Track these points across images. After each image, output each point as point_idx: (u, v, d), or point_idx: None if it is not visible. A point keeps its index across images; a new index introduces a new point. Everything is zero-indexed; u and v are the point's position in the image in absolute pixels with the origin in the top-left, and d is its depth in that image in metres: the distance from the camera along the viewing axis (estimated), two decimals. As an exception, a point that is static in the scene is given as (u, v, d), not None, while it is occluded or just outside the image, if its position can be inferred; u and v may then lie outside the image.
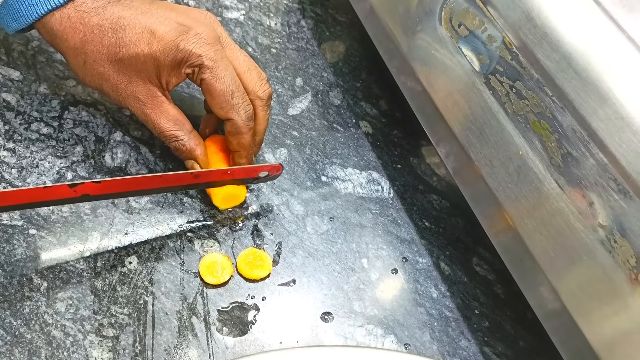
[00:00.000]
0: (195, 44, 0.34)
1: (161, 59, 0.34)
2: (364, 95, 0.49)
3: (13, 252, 0.34)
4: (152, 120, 0.36)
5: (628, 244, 0.27)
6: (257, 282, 0.36)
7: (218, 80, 0.35)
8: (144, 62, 0.34)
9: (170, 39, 0.34)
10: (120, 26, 0.34)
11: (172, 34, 0.34)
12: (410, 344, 0.36)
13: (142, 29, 0.34)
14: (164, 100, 0.36)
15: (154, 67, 0.35)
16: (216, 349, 0.33)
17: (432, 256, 0.40)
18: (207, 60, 0.34)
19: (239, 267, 0.36)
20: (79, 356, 0.31)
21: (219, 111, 0.36)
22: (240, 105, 0.36)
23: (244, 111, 0.36)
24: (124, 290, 0.34)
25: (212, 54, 0.34)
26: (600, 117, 0.28)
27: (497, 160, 0.34)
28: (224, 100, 0.35)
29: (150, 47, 0.34)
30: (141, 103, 0.36)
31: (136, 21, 0.34)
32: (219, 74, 0.35)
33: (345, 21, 0.54)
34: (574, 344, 0.31)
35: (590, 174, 0.29)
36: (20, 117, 0.39)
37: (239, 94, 0.36)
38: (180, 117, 0.37)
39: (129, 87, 0.36)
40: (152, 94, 0.36)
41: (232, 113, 0.36)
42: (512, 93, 0.33)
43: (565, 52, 0.30)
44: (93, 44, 0.35)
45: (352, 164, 0.44)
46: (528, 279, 0.34)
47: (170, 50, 0.34)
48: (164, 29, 0.34)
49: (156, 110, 0.36)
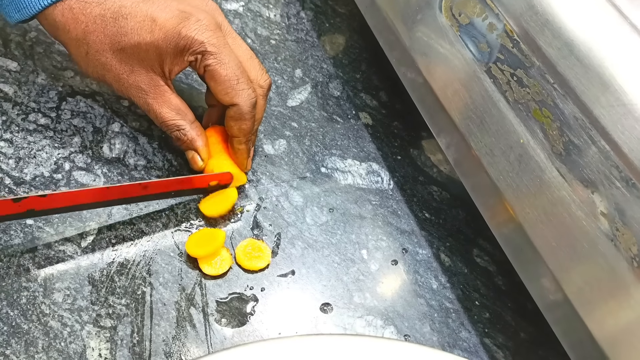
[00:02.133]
0: (197, 30, 0.34)
1: (163, 46, 0.34)
2: (364, 86, 0.48)
3: (10, 242, 0.33)
4: (154, 109, 0.36)
5: (630, 232, 0.27)
6: (256, 273, 0.36)
7: (222, 66, 0.34)
8: (146, 50, 0.34)
9: (172, 26, 0.34)
10: (121, 15, 0.34)
11: (174, 20, 0.34)
12: (410, 335, 0.36)
13: (144, 17, 0.34)
14: (167, 90, 0.36)
15: (157, 56, 0.34)
16: (214, 340, 0.33)
17: (432, 247, 0.40)
18: (210, 46, 0.34)
19: (238, 259, 0.36)
20: (76, 347, 0.31)
21: (224, 97, 0.35)
22: (246, 91, 0.35)
23: (249, 97, 0.36)
24: (122, 281, 0.34)
25: (214, 40, 0.34)
26: (602, 104, 0.28)
27: (498, 149, 0.33)
28: (229, 85, 0.35)
29: (152, 35, 0.34)
30: (143, 92, 0.36)
31: (138, 9, 0.34)
32: (223, 59, 0.34)
33: (345, 12, 0.54)
34: (575, 335, 0.31)
35: (592, 161, 0.29)
36: (17, 107, 0.39)
37: (244, 79, 0.35)
38: (183, 106, 0.37)
39: (131, 76, 0.35)
40: (154, 83, 0.36)
41: (238, 98, 0.35)
42: (513, 81, 0.32)
43: (567, 39, 0.29)
44: (95, 34, 0.34)
45: (352, 155, 0.44)
46: (529, 269, 0.34)
47: (173, 37, 0.34)
48: (165, 16, 0.34)
49: (158, 100, 0.36)
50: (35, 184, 0.36)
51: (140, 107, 0.37)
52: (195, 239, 0.35)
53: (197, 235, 0.36)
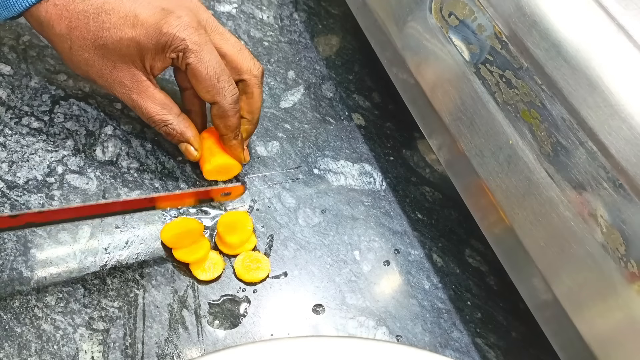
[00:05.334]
0: (179, 27, 0.34)
1: (144, 42, 0.34)
2: (357, 87, 0.49)
3: (3, 245, 0.34)
4: (139, 105, 0.36)
5: (617, 233, 0.27)
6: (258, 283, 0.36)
7: (203, 64, 0.35)
8: (127, 46, 0.34)
9: (153, 22, 0.34)
10: (104, 11, 0.34)
11: (155, 17, 0.34)
12: (402, 336, 0.36)
13: (126, 12, 0.34)
14: (149, 85, 0.36)
15: (138, 51, 0.35)
16: (207, 342, 0.33)
17: (424, 248, 0.40)
18: (191, 44, 0.34)
19: (238, 273, 0.36)
20: (69, 349, 0.31)
21: (205, 95, 0.36)
22: (227, 89, 0.36)
23: (230, 94, 0.36)
24: (115, 284, 0.34)
25: (195, 38, 0.35)
26: (590, 105, 0.28)
27: (488, 150, 0.33)
28: (209, 84, 0.35)
29: (133, 30, 0.34)
30: (127, 88, 0.36)
31: (120, 6, 0.34)
32: (203, 57, 0.35)
33: (337, 14, 0.54)
34: (565, 335, 0.31)
35: (579, 162, 0.29)
36: (10, 111, 0.39)
37: (225, 77, 0.36)
38: (168, 101, 0.37)
39: (113, 72, 0.36)
40: (137, 79, 0.36)
41: (219, 96, 0.36)
42: (502, 82, 0.32)
43: (555, 40, 0.30)
44: (78, 30, 0.35)
45: (345, 156, 0.44)
46: (520, 270, 0.34)
47: (154, 34, 0.34)
48: (147, 12, 0.34)
49: (142, 95, 0.36)
50: (28, 187, 0.36)
51: (125, 103, 0.37)
52: (171, 230, 0.35)
53: (172, 226, 0.36)
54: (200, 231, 0.36)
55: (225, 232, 0.36)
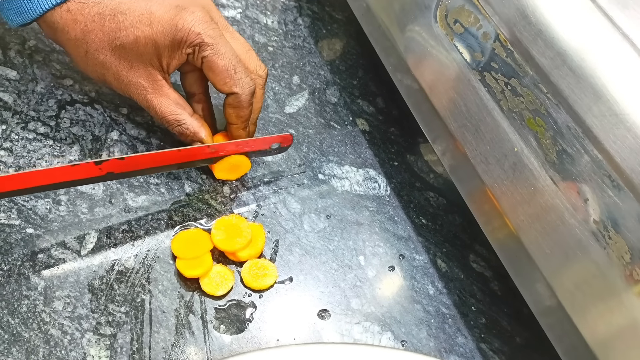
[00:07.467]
0: (193, 22, 0.35)
1: (161, 40, 0.35)
2: (361, 92, 0.49)
3: (10, 251, 0.34)
4: (154, 105, 0.37)
5: (622, 240, 0.27)
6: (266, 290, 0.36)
7: (220, 56, 0.35)
8: (144, 44, 0.35)
9: (168, 19, 0.34)
10: (120, 11, 0.35)
11: (170, 14, 0.35)
12: (407, 341, 0.36)
13: (142, 11, 0.35)
14: (165, 84, 0.37)
15: (154, 50, 0.35)
16: (213, 347, 0.33)
17: (429, 253, 0.40)
18: (207, 37, 0.35)
19: (246, 281, 0.36)
20: (76, 354, 0.31)
21: (223, 87, 0.36)
22: (244, 79, 0.36)
23: (247, 86, 0.37)
24: (122, 289, 0.34)
25: (210, 32, 0.35)
26: (595, 113, 0.28)
27: (493, 157, 0.34)
28: (227, 75, 0.36)
29: (150, 28, 0.34)
30: (143, 89, 0.36)
31: (136, 5, 0.35)
32: (219, 50, 0.35)
33: (342, 19, 0.54)
34: (569, 340, 0.31)
35: (584, 170, 0.29)
36: (17, 116, 0.39)
37: (241, 68, 0.36)
38: (181, 101, 0.38)
39: (130, 72, 0.36)
40: (153, 78, 0.36)
41: (237, 87, 0.36)
42: (507, 90, 0.33)
43: (560, 49, 0.30)
44: (94, 33, 0.35)
45: (349, 161, 0.44)
46: (524, 275, 0.34)
47: (170, 30, 0.34)
48: (162, 10, 0.35)
49: (157, 95, 0.37)
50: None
51: (140, 104, 0.38)
52: (182, 239, 0.36)
53: (184, 235, 0.36)
54: (208, 248, 0.36)
55: (223, 242, 0.36)
